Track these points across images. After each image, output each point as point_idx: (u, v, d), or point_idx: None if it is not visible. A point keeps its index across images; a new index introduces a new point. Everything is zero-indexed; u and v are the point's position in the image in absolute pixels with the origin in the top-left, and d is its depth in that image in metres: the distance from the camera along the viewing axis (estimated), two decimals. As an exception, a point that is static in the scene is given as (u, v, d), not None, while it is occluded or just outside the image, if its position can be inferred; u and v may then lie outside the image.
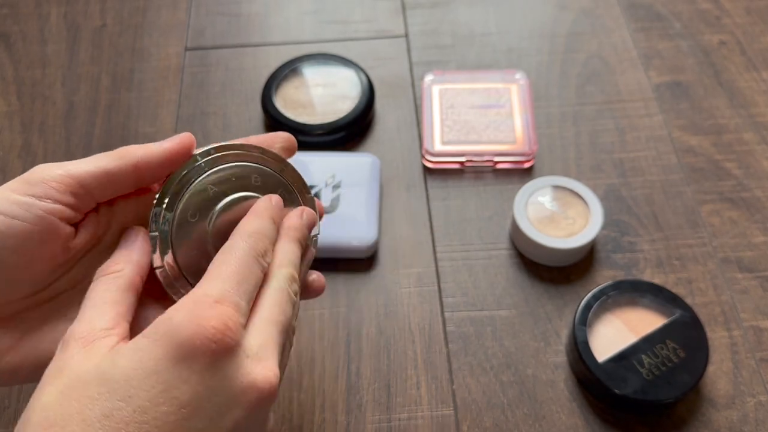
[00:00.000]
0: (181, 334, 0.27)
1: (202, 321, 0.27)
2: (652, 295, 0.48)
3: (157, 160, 0.33)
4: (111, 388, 0.26)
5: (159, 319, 0.28)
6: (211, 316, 0.28)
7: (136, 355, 0.27)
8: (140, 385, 0.26)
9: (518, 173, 0.59)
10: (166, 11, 0.72)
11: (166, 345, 0.27)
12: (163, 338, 0.27)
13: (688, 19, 0.70)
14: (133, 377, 0.26)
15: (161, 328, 0.28)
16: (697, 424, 0.46)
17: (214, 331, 0.27)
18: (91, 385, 0.26)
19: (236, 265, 0.30)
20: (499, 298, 0.52)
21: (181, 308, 0.28)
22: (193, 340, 0.27)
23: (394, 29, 0.70)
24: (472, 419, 0.46)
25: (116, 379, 0.26)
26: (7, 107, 0.64)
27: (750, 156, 0.59)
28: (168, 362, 0.27)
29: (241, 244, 0.32)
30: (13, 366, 0.32)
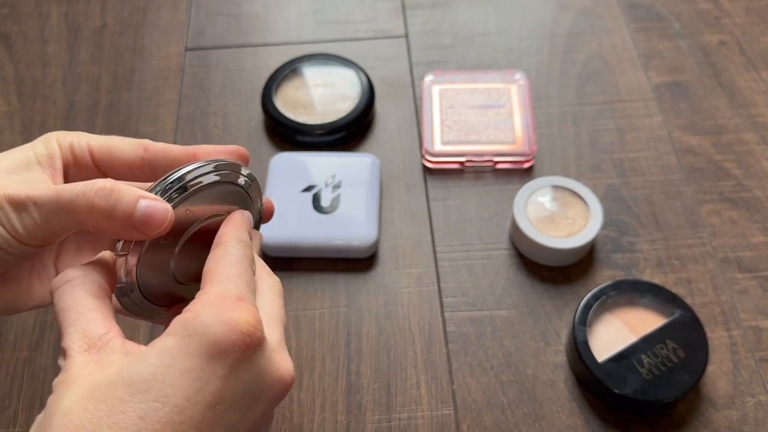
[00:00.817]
0: (214, 331, 0.27)
1: (232, 318, 0.27)
2: (651, 295, 0.48)
3: None
4: (143, 389, 0.25)
5: (183, 317, 0.28)
6: (241, 313, 0.28)
7: (167, 354, 0.26)
8: (176, 383, 0.26)
9: (518, 173, 0.59)
10: (166, 11, 0.72)
11: (199, 343, 0.27)
12: (195, 336, 0.27)
13: (687, 19, 0.70)
14: (168, 376, 0.26)
15: (190, 326, 0.27)
16: (697, 424, 0.46)
17: (247, 326, 0.28)
18: (118, 387, 0.26)
19: (239, 267, 0.31)
20: (499, 298, 0.52)
21: (207, 306, 0.28)
22: (228, 337, 0.27)
23: (394, 29, 0.70)
24: (472, 419, 0.46)
25: (148, 379, 0.26)
26: (7, 107, 0.64)
27: (750, 156, 0.59)
28: (202, 360, 0.27)
29: (237, 249, 0.31)
30: None
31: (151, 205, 0.29)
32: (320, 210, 0.54)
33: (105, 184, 0.29)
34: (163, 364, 0.26)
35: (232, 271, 0.30)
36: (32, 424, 0.47)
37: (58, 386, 0.26)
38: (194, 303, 0.28)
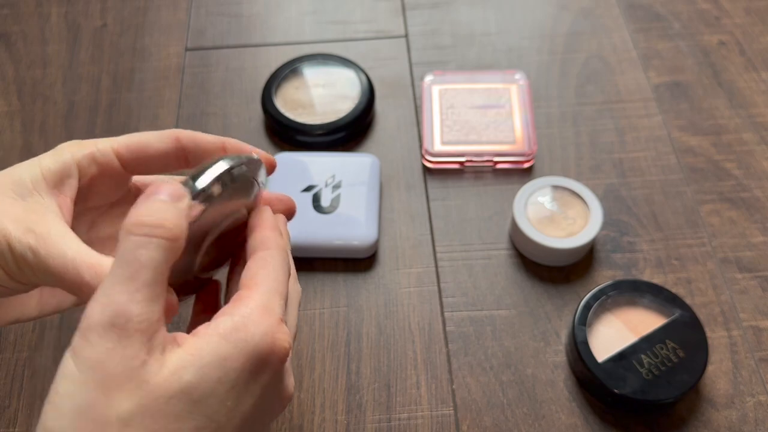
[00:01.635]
0: (262, 348, 0.27)
1: (276, 339, 0.28)
2: (651, 295, 0.49)
3: None
4: (200, 405, 0.25)
5: (233, 322, 0.27)
6: (282, 336, 0.28)
7: (223, 366, 0.26)
8: (222, 398, 0.26)
9: (518, 173, 0.59)
10: (166, 11, 0.72)
11: (247, 355, 0.27)
12: (245, 349, 0.27)
13: (687, 19, 0.70)
14: (219, 391, 0.26)
15: (241, 336, 0.27)
16: (697, 423, 0.46)
17: (283, 351, 0.28)
18: (177, 400, 0.25)
19: (280, 281, 0.31)
20: (498, 297, 0.52)
21: (255, 318, 0.28)
22: (269, 356, 0.28)
23: (394, 29, 0.70)
24: (471, 419, 0.47)
25: (205, 394, 0.26)
26: (7, 107, 0.64)
27: (749, 156, 0.59)
28: (246, 374, 0.27)
29: (280, 258, 0.32)
30: None
31: None
32: (320, 210, 0.54)
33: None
34: (217, 379, 0.26)
35: (273, 285, 0.30)
36: (32, 424, 0.47)
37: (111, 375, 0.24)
38: (240, 306, 0.28)
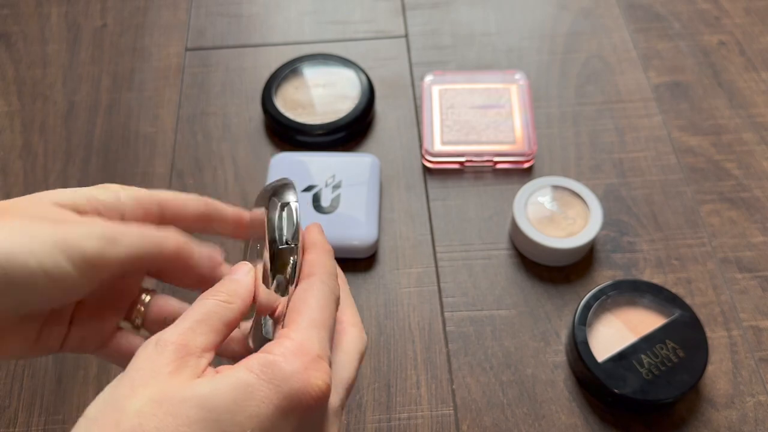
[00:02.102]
0: (292, 385, 0.27)
1: (310, 378, 0.27)
2: (651, 295, 0.49)
3: None
4: (213, 417, 0.25)
5: (263, 357, 0.27)
6: (317, 374, 0.28)
7: (241, 389, 0.26)
8: (243, 422, 0.26)
9: (518, 173, 0.59)
10: (166, 11, 0.72)
11: (275, 391, 0.26)
12: (273, 383, 0.27)
13: (687, 19, 0.70)
14: (237, 412, 0.26)
15: (270, 372, 0.27)
16: (697, 423, 0.46)
17: (318, 391, 0.27)
18: (190, 405, 0.25)
19: (324, 313, 0.30)
20: (498, 297, 0.52)
21: (288, 356, 0.28)
22: (301, 395, 0.27)
23: (394, 29, 0.70)
24: (471, 419, 0.47)
25: (220, 408, 0.25)
26: (7, 107, 0.65)
27: (749, 156, 0.59)
28: (272, 409, 0.26)
29: (324, 287, 0.31)
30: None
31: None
32: (320, 210, 0.54)
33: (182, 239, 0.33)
34: (234, 400, 0.26)
35: (315, 318, 0.30)
36: (32, 424, 0.47)
37: (136, 375, 0.26)
38: (276, 345, 0.28)
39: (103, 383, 0.48)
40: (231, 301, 0.30)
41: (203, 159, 0.60)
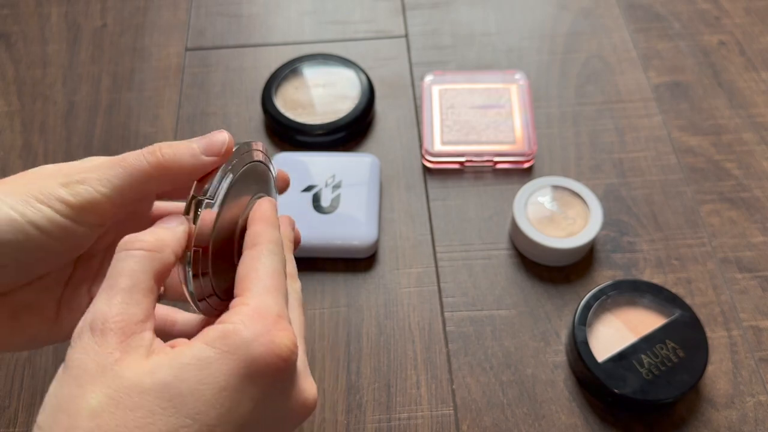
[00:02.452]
0: (255, 350, 0.26)
1: (274, 339, 0.27)
2: (651, 295, 0.49)
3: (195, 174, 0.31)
4: (177, 403, 0.24)
5: (222, 329, 0.26)
6: (282, 334, 0.27)
7: (204, 368, 0.25)
8: (210, 401, 0.25)
9: (518, 173, 0.59)
10: (166, 11, 0.72)
11: (238, 360, 0.26)
12: (236, 353, 0.26)
13: (687, 19, 0.70)
14: (203, 393, 0.25)
15: (231, 341, 0.26)
16: (697, 423, 0.46)
17: (286, 350, 0.27)
18: (150, 395, 0.24)
19: (275, 278, 0.29)
20: (498, 298, 0.52)
21: (247, 322, 0.27)
22: (266, 358, 0.26)
23: (394, 29, 0.70)
24: (471, 419, 0.47)
25: (183, 393, 0.25)
26: (7, 107, 0.65)
27: (749, 156, 0.59)
28: (237, 378, 0.26)
29: (272, 254, 0.30)
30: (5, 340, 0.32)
31: (204, 137, 0.30)
32: (320, 210, 0.54)
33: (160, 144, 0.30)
34: (198, 379, 0.25)
35: (268, 283, 0.29)
36: (32, 424, 0.47)
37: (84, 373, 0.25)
38: (232, 314, 0.27)
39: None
40: (159, 249, 0.28)
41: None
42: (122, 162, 0.30)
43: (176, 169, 0.30)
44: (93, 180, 0.29)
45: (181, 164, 0.30)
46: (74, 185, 0.29)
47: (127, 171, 0.29)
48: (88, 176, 0.29)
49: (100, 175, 0.29)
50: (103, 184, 0.29)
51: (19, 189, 0.29)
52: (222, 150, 0.31)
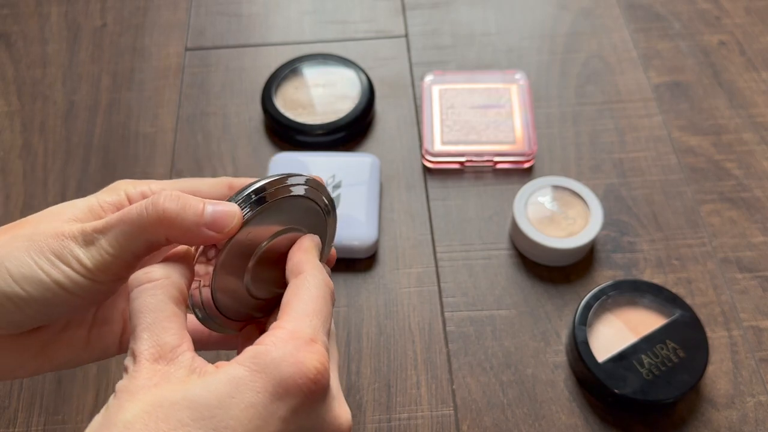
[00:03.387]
0: (284, 370, 0.27)
1: (303, 360, 0.27)
2: (651, 295, 0.48)
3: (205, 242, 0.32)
4: (206, 415, 0.25)
5: (255, 350, 0.27)
6: (311, 356, 0.27)
7: (233, 384, 0.26)
8: (238, 416, 0.25)
9: (518, 173, 0.59)
10: (166, 11, 0.72)
11: (268, 379, 0.26)
12: (265, 371, 0.26)
13: (687, 19, 0.70)
14: (231, 407, 0.26)
15: (261, 360, 0.27)
16: (697, 423, 0.46)
17: (315, 371, 0.27)
18: (181, 408, 0.25)
19: (317, 303, 0.30)
20: (499, 298, 0.52)
21: (278, 343, 0.27)
22: (295, 379, 0.27)
23: (394, 29, 0.70)
24: (472, 419, 0.46)
25: (212, 405, 0.25)
26: (7, 107, 0.64)
27: (750, 156, 0.59)
28: (267, 397, 0.26)
29: (316, 280, 0.31)
30: (32, 370, 0.33)
31: (218, 206, 0.30)
32: (320, 210, 0.54)
33: (170, 192, 0.29)
34: (228, 394, 0.26)
35: (308, 308, 0.29)
36: (32, 424, 0.47)
37: (122, 393, 0.26)
38: (268, 336, 0.28)
39: (103, 384, 0.48)
40: (166, 275, 0.29)
41: (203, 159, 0.60)
42: (124, 217, 0.30)
43: (176, 228, 0.30)
44: (102, 242, 0.30)
45: (181, 226, 0.29)
46: (89, 247, 0.30)
47: (130, 228, 0.29)
48: (98, 237, 0.30)
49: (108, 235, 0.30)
50: (111, 244, 0.30)
51: (38, 240, 0.29)
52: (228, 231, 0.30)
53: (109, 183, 0.34)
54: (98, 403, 0.47)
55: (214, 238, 0.30)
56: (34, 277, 0.29)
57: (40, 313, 0.30)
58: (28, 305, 0.29)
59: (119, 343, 0.35)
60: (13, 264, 0.29)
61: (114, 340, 0.35)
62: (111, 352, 0.35)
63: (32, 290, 0.29)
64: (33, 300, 0.29)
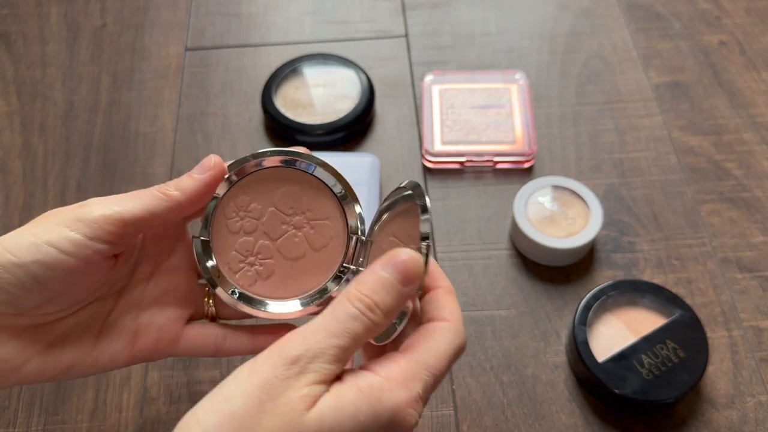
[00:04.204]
0: (389, 418, 0.28)
1: (406, 415, 0.29)
2: (651, 295, 0.48)
3: (199, 194, 0.35)
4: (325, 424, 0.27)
5: (374, 384, 0.29)
6: (412, 413, 0.29)
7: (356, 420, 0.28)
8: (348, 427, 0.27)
9: (518, 173, 0.59)
10: (166, 11, 0.72)
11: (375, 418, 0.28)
12: (377, 410, 0.28)
13: (687, 19, 0.70)
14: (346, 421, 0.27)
15: (376, 396, 0.28)
16: (697, 423, 0.46)
17: (410, 427, 0.29)
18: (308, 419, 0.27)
19: (440, 358, 0.31)
20: (499, 298, 0.52)
21: (395, 387, 0.29)
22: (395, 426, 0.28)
23: (394, 29, 0.70)
24: (472, 419, 0.46)
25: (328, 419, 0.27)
26: (7, 107, 0.64)
27: (750, 156, 0.59)
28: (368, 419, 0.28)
29: (452, 337, 0.31)
30: (38, 370, 0.33)
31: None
32: (320, 210, 0.54)
33: None
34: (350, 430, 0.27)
35: (427, 359, 0.30)
36: (32, 424, 0.47)
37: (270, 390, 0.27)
38: (385, 367, 0.29)
39: (102, 384, 0.48)
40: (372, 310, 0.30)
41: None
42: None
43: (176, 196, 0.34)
44: (93, 203, 0.33)
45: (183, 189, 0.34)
46: (84, 208, 0.32)
47: (129, 195, 0.33)
48: (89, 205, 0.33)
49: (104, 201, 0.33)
50: (106, 205, 0.32)
51: (38, 222, 0.32)
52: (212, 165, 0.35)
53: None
54: (98, 403, 0.47)
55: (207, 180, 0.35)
56: (26, 240, 0.31)
57: (34, 280, 0.31)
58: (19, 269, 0.31)
59: (130, 352, 0.36)
60: (10, 237, 0.31)
61: (123, 347, 0.36)
62: (120, 360, 0.36)
63: (23, 254, 0.31)
64: (27, 264, 0.31)
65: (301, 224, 0.37)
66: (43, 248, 0.31)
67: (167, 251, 0.37)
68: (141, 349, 0.36)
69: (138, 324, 0.36)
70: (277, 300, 0.36)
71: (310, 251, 0.37)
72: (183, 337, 0.37)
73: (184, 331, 0.37)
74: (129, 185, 0.58)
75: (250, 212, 0.36)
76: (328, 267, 0.37)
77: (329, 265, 0.37)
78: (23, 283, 0.31)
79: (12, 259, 0.31)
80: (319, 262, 0.37)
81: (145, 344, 0.36)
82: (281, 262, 0.37)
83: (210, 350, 0.37)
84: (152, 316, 0.36)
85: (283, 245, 0.37)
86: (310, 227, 0.37)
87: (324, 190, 0.37)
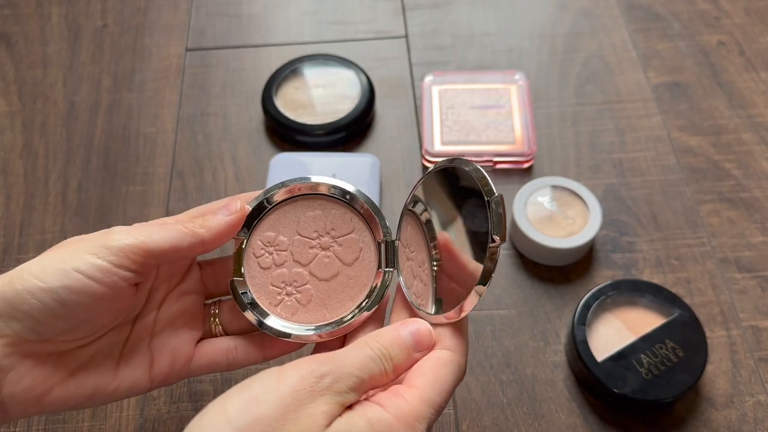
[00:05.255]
0: None
1: None
2: (651, 295, 0.49)
3: (222, 234, 0.36)
4: None
5: (383, 420, 0.30)
6: None
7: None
8: None
9: (518, 173, 0.59)
10: (166, 12, 0.72)
11: None
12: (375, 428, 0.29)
13: (687, 19, 0.70)
14: None
15: (380, 427, 0.29)
16: (696, 423, 0.46)
17: None
18: None
19: (444, 397, 0.32)
20: (498, 297, 0.52)
21: (401, 426, 0.30)
22: None
23: (394, 30, 0.70)
24: (471, 418, 0.47)
25: None
26: (8, 107, 0.65)
27: (749, 156, 0.60)
28: None
29: (455, 368, 0.33)
30: (62, 398, 0.34)
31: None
32: (320, 210, 0.54)
33: None
34: None
35: (433, 396, 0.31)
36: (32, 423, 0.47)
37: (296, 397, 0.28)
38: (394, 404, 0.30)
39: (104, 383, 0.48)
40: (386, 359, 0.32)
41: (203, 159, 0.60)
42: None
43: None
44: (119, 232, 0.34)
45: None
46: (110, 236, 0.33)
47: (148, 226, 0.34)
48: (115, 233, 0.34)
49: (125, 231, 0.34)
50: (132, 235, 0.33)
51: (61, 249, 0.33)
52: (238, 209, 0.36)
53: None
54: (99, 402, 0.47)
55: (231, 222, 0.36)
56: (54, 266, 0.31)
57: (61, 306, 0.32)
58: (47, 294, 0.31)
59: (149, 377, 0.36)
60: (35, 263, 0.32)
61: (143, 372, 0.36)
62: (141, 386, 0.36)
63: (51, 280, 0.31)
64: (55, 290, 0.31)
65: (328, 244, 0.38)
66: (71, 274, 0.31)
67: (178, 277, 0.38)
68: (158, 373, 0.36)
69: (152, 348, 0.37)
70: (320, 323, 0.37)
71: (343, 267, 0.38)
72: (196, 356, 0.38)
73: (196, 351, 0.38)
74: (129, 185, 0.58)
75: (278, 245, 0.37)
76: (366, 277, 0.38)
77: (366, 276, 0.38)
78: (50, 309, 0.31)
79: (39, 285, 0.31)
80: (354, 275, 0.38)
81: (161, 368, 0.37)
82: (317, 285, 0.37)
83: (223, 364, 0.38)
84: (165, 339, 0.37)
85: (315, 268, 0.37)
86: (337, 244, 0.38)
87: (343, 206, 0.38)
